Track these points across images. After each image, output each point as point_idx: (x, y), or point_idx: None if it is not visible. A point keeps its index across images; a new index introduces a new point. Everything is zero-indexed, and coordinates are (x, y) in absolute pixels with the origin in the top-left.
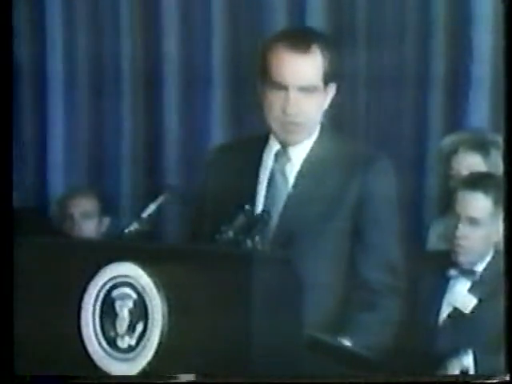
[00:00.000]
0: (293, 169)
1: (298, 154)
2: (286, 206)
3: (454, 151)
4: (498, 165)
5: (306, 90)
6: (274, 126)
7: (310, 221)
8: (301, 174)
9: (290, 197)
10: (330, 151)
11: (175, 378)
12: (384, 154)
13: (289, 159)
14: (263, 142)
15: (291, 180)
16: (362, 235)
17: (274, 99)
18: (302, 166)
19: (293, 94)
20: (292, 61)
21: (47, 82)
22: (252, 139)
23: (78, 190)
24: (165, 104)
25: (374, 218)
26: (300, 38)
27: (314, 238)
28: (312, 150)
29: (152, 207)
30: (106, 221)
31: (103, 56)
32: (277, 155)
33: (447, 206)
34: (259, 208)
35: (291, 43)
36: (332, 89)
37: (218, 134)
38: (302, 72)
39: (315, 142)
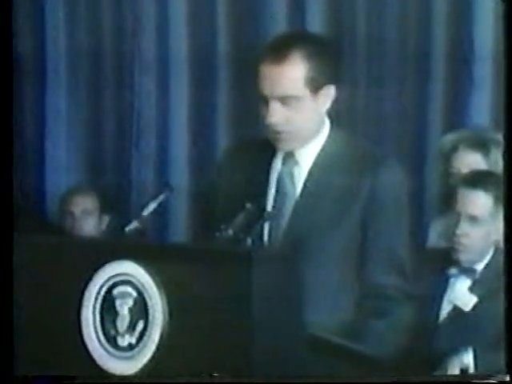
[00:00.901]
0: (301, 172)
1: (306, 158)
2: (294, 209)
3: (454, 149)
4: (498, 163)
5: (288, 99)
6: (268, 135)
7: (320, 223)
8: (309, 177)
9: (298, 200)
10: (338, 154)
11: (175, 377)
12: (392, 155)
13: (296, 162)
14: (272, 144)
15: (299, 183)
16: (372, 237)
17: (262, 110)
18: (311, 170)
19: (273, 105)
20: (270, 72)
21: (47, 79)
22: (262, 141)
23: (78, 188)
24: (166, 102)
25: (383, 221)
26: (278, 47)
27: (324, 240)
28: (320, 152)
29: (152, 205)
30: (106, 219)
31: (104, 53)
32: (285, 158)
33: (447, 204)
34: (264, 208)
35: (269, 54)
36: (329, 91)
37: (222, 134)
38: (281, 83)
39: (323, 145)
